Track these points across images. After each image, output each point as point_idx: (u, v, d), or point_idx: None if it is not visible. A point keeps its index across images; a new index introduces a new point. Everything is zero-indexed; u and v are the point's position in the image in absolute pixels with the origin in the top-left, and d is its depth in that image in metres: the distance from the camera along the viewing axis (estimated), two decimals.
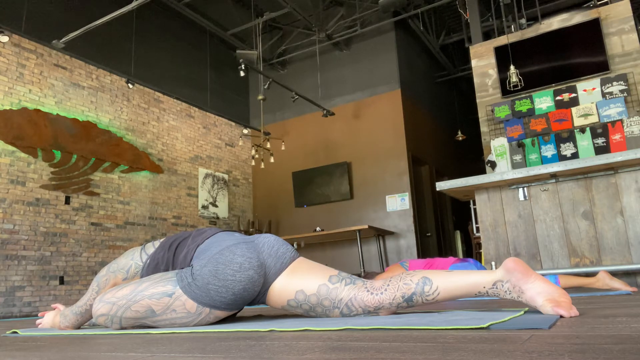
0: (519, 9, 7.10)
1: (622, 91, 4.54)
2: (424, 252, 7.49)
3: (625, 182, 3.25)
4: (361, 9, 7.79)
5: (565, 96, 4.81)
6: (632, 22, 4.62)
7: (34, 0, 5.83)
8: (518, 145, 4.94)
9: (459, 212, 9.66)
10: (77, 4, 6.35)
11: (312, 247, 7.97)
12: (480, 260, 5.92)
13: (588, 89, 4.71)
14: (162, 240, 1.76)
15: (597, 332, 0.82)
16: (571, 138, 4.71)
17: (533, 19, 5.87)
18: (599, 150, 4.55)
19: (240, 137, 8.69)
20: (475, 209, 6.15)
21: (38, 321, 1.91)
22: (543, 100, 4.92)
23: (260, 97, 6.55)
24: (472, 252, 8.72)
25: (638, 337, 0.73)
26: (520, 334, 0.86)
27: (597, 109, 4.63)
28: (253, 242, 1.57)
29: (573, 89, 4.79)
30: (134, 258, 1.73)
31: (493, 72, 5.23)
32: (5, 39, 5.35)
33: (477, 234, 6.34)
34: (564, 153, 4.72)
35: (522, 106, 5.00)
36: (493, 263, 3.59)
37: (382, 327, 1.06)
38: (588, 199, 3.34)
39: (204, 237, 1.62)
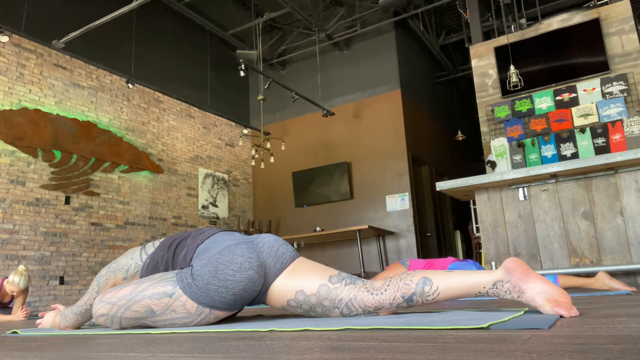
0: (519, 9, 7.10)
1: (622, 91, 4.54)
2: (424, 252, 7.49)
3: (625, 182, 3.25)
4: (361, 9, 7.79)
5: (565, 96, 4.81)
6: (632, 22, 4.62)
7: (34, 0, 5.83)
8: (518, 145, 4.94)
9: (459, 212, 9.66)
10: (77, 4, 6.35)
11: (312, 247, 7.97)
12: (480, 261, 5.92)
13: (588, 89, 4.71)
14: (162, 240, 1.76)
15: (597, 332, 0.82)
16: (571, 138, 4.71)
17: (533, 19, 5.87)
18: (599, 150, 4.55)
19: (240, 137, 8.69)
20: (475, 209, 6.15)
21: (38, 321, 1.91)
22: (543, 100, 4.92)
23: (260, 97, 6.55)
24: (472, 252, 8.72)
25: (638, 337, 0.73)
26: (520, 334, 0.86)
27: (597, 109, 4.63)
28: (253, 242, 1.57)
29: (573, 89, 4.79)
30: (134, 258, 1.73)
31: (493, 72, 5.23)
32: (5, 39, 5.35)
33: (477, 234, 6.34)
34: (564, 153, 4.72)
35: (522, 106, 5.00)
36: (493, 263, 3.59)
37: (382, 327, 1.06)
38: (588, 199, 3.34)
39: (203, 237, 1.62)
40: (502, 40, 5.23)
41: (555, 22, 5.03)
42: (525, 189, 3.56)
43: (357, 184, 7.71)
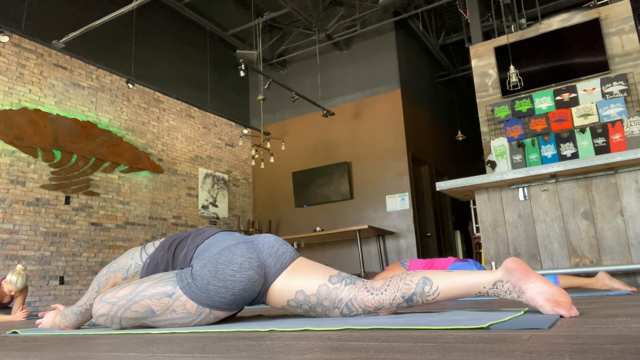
0: (519, 9, 7.10)
1: (622, 91, 4.54)
2: (424, 252, 7.49)
3: (625, 182, 3.25)
4: (361, 9, 7.79)
5: (565, 96, 4.81)
6: (632, 22, 4.62)
7: (34, 0, 5.83)
8: (518, 145, 4.94)
9: (459, 212, 9.66)
10: (77, 4, 6.35)
11: (312, 247, 7.97)
12: (480, 260, 5.92)
13: (588, 89, 4.71)
14: (162, 240, 1.76)
15: (597, 332, 0.82)
16: (571, 138, 4.71)
17: (533, 19, 5.87)
18: (599, 150, 4.55)
19: (240, 137, 8.69)
20: (475, 209, 6.15)
21: (38, 321, 1.91)
22: (543, 100, 4.91)
23: (260, 97, 6.55)
24: (472, 252, 8.72)
25: (638, 337, 0.73)
26: (520, 334, 0.86)
27: (597, 109, 4.63)
28: (253, 242, 1.57)
29: (573, 89, 4.79)
30: (134, 258, 1.73)
31: (493, 72, 5.23)
32: (5, 39, 5.35)
33: (477, 234, 6.34)
34: (564, 153, 4.72)
35: (522, 106, 5.00)
36: (493, 263, 3.59)
37: (382, 327, 1.06)
38: (588, 199, 3.34)
39: (203, 237, 1.62)
40: (502, 40, 5.23)
41: (555, 22, 5.03)
42: (525, 189, 3.56)
43: (357, 184, 7.71)
